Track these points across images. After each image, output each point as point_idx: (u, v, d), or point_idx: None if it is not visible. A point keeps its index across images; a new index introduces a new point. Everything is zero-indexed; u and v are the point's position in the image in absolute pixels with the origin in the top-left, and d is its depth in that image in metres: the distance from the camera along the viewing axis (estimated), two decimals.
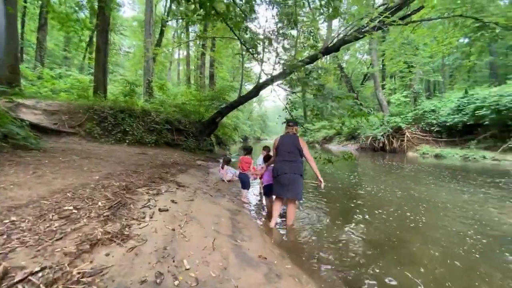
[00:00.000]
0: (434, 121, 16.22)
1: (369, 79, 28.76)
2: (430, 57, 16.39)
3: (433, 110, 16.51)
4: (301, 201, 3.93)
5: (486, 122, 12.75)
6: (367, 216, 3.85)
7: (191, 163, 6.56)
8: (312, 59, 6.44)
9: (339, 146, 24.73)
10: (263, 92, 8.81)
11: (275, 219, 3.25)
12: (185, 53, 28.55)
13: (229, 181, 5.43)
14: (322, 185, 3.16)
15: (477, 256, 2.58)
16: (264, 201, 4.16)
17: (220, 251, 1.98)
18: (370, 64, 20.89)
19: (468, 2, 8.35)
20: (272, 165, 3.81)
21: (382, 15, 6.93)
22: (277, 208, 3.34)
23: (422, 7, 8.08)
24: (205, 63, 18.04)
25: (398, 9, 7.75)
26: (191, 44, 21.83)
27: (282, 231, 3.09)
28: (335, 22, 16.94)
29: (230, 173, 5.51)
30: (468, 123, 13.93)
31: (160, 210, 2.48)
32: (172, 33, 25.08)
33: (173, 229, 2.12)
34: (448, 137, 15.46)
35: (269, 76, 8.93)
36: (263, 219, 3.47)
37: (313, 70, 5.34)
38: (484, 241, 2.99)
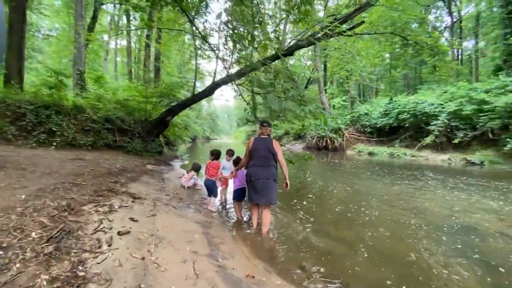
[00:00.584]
0: (367, 123, 18.57)
1: (312, 83, 31.06)
2: (364, 67, 18.63)
3: (366, 114, 18.87)
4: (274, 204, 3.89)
5: (407, 125, 15.24)
6: (330, 215, 4.04)
7: (141, 168, 5.81)
8: (273, 59, 6.49)
9: (288, 146, 26.05)
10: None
11: (256, 223, 3.25)
12: (124, 42, 25.56)
13: (189, 187, 5.00)
14: (288, 187, 3.17)
15: (419, 237, 2.96)
16: (235, 208, 3.94)
17: (205, 277, 1.71)
18: (313, 69, 22.53)
19: (396, 23, 9.78)
20: (243, 169, 3.65)
21: (332, 24, 7.50)
22: (256, 213, 3.30)
23: (363, 22, 9.07)
24: (150, 56, 16.41)
25: (343, 22, 8.51)
26: (132, 33, 19.60)
27: (259, 239, 2.95)
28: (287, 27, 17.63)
29: (193, 179, 5.10)
30: (393, 125, 16.41)
31: (119, 233, 2.02)
32: (108, 18, 22.07)
33: (143, 258, 1.73)
34: (378, 137, 17.92)
35: (226, 75, 8.68)
36: (235, 228, 3.26)
37: (281, 72, 5.34)
38: (423, 226, 3.48)
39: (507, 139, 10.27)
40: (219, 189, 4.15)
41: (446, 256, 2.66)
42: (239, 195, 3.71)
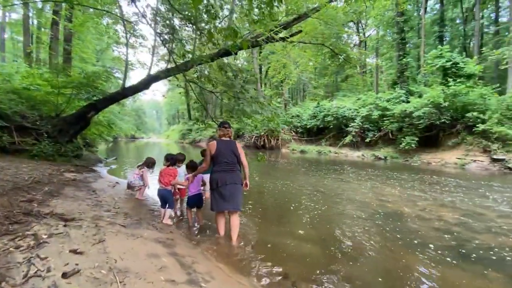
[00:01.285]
0: (299, 124, 20.38)
1: (247, 83, 31.78)
2: (302, 72, 20.34)
3: (298, 115, 20.65)
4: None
5: (331, 126, 17.45)
6: (291, 216, 4.20)
7: (59, 178, 4.63)
8: (222, 54, 6.25)
9: None
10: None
11: (223, 231, 3.07)
12: (15, 15, 20.04)
13: (135, 197, 4.30)
14: (247, 188, 3.11)
15: (360, 223, 3.41)
16: (188, 215, 3.58)
17: None
18: (249, 71, 23.10)
19: (326, 36, 11.02)
20: (201, 174, 3.36)
21: (276, 29, 7.83)
22: (222, 222, 3.10)
23: (300, 31, 9.84)
24: (59, 37, 13.27)
25: (284, 28, 9.02)
26: (30, 5, 15.40)
27: (232, 251, 2.75)
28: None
29: (137, 178, 4.41)
30: (320, 126, 18.54)
31: (65, 275, 1.50)
32: None
33: None
34: (307, 136, 19.89)
35: (166, 68, 7.88)
36: (201, 242, 2.95)
37: (243, 71, 5.14)
38: (362, 214, 4.03)
39: (402, 139, 13.08)
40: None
41: (381, 236, 3.14)
42: (195, 202, 3.42)
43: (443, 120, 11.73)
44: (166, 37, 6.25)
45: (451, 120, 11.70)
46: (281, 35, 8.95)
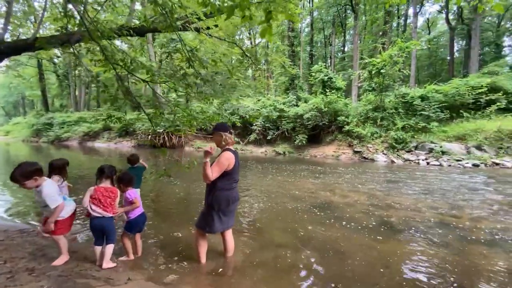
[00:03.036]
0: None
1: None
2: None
3: (202, 112, 19.99)
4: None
5: (238, 124, 18.06)
6: (252, 218, 4.02)
7: None
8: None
9: (110, 144, 21.35)
10: None
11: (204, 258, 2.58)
12: None
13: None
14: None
15: (303, 215, 3.86)
16: (127, 245, 2.62)
17: None
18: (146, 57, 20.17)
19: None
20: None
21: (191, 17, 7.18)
22: (205, 247, 2.60)
23: (216, 26, 9.52)
24: None
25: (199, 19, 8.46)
26: None
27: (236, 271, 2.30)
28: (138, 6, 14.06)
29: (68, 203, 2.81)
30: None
31: None
32: None
33: None
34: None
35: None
36: (193, 276, 2.28)
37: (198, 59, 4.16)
38: (298, 206, 4.50)
39: (296, 136, 15.50)
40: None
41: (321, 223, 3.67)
42: (139, 225, 2.64)
43: (324, 122, 14.86)
44: None
45: (329, 122, 15.01)
46: (202, 25, 8.33)
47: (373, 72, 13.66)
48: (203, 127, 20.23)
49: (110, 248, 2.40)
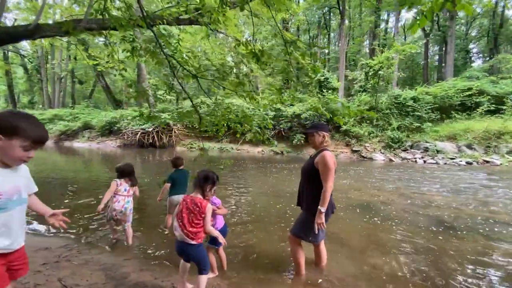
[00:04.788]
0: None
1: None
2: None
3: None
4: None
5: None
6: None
7: None
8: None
9: (92, 144, 19.79)
10: None
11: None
12: None
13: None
14: None
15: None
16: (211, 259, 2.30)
17: None
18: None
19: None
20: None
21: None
22: (304, 256, 2.42)
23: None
24: None
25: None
26: None
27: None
28: None
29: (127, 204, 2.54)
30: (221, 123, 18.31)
31: None
32: None
33: None
34: (206, 133, 19.07)
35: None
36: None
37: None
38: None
39: (294, 136, 15.52)
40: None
41: None
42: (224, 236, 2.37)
43: (322, 121, 15.04)
44: None
45: (326, 122, 15.22)
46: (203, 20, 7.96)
47: (370, 73, 14.09)
48: (190, 126, 19.18)
49: (202, 280, 1.96)
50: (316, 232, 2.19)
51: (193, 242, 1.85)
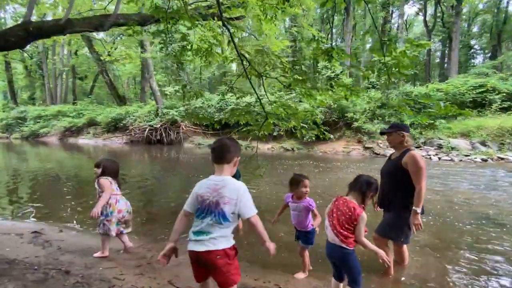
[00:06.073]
0: (201, 116, 18.95)
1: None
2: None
3: (201, 107, 19.12)
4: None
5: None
6: None
7: None
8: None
9: (98, 140, 19.55)
10: None
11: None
12: None
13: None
14: None
15: None
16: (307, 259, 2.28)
17: None
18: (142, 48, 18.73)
19: None
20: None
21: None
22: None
23: (244, 16, 8.99)
24: None
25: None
26: None
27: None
28: None
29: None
30: (228, 120, 18.19)
31: None
32: None
33: None
34: (214, 130, 18.95)
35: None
36: None
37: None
38: None
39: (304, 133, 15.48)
40: None
41: None
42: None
43: (332, 118, 15.01)
44: None
45: (337, 118, 15.21)
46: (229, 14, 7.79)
47: (382, 69, 14.00)
48: (197, 123, 19.13)
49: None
50: (413, 233, 2.17)
51: (343, 246, 1.68)
